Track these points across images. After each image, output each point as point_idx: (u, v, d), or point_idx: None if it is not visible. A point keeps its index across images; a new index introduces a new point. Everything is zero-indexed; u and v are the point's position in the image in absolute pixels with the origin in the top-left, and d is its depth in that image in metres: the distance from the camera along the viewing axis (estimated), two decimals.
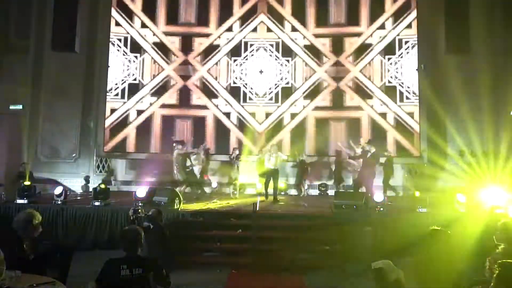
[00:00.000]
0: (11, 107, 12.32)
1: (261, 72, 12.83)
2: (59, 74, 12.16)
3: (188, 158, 10.59)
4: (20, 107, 12.33)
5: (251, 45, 12.93)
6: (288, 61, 12.82)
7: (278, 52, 12.86)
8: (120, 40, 12.82)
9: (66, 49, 10.98)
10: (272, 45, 12.90)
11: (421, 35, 12.31)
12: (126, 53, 12.84)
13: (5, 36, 12.58)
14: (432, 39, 11.86)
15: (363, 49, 12.68)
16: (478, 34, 11.28)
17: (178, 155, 10.10)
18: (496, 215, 6.83)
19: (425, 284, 3.58)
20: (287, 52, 12.84)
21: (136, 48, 12.87)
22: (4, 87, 12.26)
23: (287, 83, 12.78)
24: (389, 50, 12.63)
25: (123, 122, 12.65)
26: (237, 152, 10.99)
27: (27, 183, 8.47)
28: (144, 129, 12.63)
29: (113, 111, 12.67)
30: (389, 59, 12.61)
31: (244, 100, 12.78)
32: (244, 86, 12.83)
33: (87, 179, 11.95)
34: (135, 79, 12.82)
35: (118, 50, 12.80)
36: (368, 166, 9.49)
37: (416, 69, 12.38)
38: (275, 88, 12.77)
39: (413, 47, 12.50)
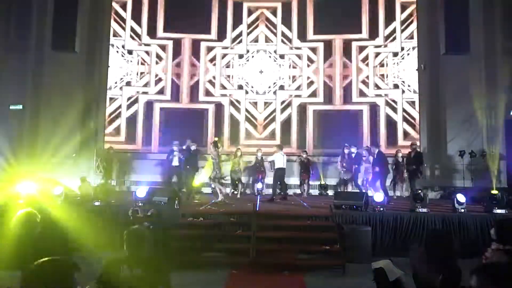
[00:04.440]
0: (11, 107, 12.31)
1: (261, 72, 12.85)
2: (59, 74, 12.16)
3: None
4: (20, 107, 12.31)
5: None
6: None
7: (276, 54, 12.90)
8: (122, 38, 12.85)
9: (66, 49, 10.98)
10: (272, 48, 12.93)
11: (421, 35, 12.31)
12: (127, 54, 12.87)
13: (6, 36, 12.58)
14: (432, 39, 11.86)
15: (363, 49, 12.69)
16: (477, 34, 11.29)
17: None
18: None
19: None
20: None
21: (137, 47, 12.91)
22: (4, 87, 12.25)
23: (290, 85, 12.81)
24: (389, 50, 12.62)
25: (124, 122, 12.65)
26: (239, 153, 10.92)
27: None
28: (144, 129, 12.64)
29: (113, 111, 12.68)
30: (388, 58, 12.62)
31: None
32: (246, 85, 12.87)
33: (86, 179, 11.93)
34: (131, 78, 12.84)
35: (118, 51, 12.82)
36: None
37: (416, 69, 12.37)
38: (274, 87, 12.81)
39: (413, 47, 12.50)
